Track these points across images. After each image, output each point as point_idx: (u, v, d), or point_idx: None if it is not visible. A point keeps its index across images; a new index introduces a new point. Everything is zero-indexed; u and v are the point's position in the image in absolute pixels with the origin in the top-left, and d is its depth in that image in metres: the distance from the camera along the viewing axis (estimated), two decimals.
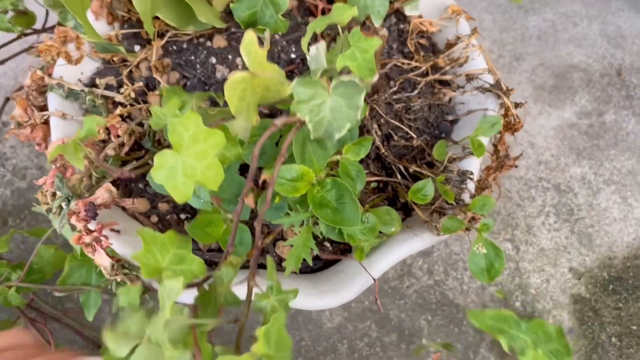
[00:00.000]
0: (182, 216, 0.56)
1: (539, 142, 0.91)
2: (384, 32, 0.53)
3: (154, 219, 0.55)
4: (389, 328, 0.80)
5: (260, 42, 0.51)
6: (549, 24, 1.01)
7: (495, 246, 0.47)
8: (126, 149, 0.55)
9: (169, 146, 0.56)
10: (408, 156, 0.57)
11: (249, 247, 0.52)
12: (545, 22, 1.01)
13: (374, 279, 0.50)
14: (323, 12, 0.58)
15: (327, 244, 0.57)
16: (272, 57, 0.60)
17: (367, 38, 0.41)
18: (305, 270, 0.56)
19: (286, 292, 0.39)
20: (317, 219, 0.49)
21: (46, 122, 0.58)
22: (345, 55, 0.42)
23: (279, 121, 0.44)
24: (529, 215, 0.86)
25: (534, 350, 0.72)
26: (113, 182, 0.54)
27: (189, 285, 0.40)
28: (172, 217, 0.56)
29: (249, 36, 0.42)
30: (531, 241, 0.85)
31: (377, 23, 0.51)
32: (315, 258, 0.57)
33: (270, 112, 0.53)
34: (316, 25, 0.45)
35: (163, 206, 0.56)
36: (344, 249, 0.56)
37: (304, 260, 0.50)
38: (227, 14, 0.57)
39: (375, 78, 0.41)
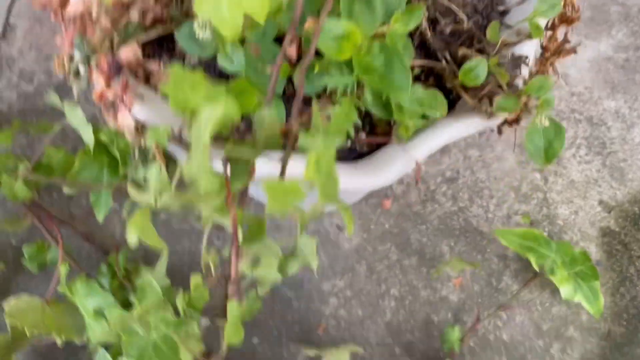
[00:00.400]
0: None
1: (572, 73, 0.87)
2: None
3: None
4: (410, 251, 0.77)
5: None
6: None
7: (557, 123, 0.44)
8: (151, 15, 0.51)
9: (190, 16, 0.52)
10: (455, 43, 0.53)
11: (283, 122, 0.48)
12: None
13: (416, 162, 0.47)
14: None
15: (363, 136, 0.53)
16: None
17: None
18: (342, 158, 0.52)
19: (334, 133, 0.35)
20: (361, 91, 0.45)
21: None
22: None
23: None
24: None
25: (563, 269, 0.69)
26: None
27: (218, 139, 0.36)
28: None
29: None
30: (560, 172, 0.81)
31: None
32: (351, 150, 0.53)
33: None
34: None
35: None
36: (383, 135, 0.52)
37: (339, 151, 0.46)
38: None
39: None
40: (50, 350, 0.71)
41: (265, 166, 0.42)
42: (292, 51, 0.41)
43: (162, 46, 0.53)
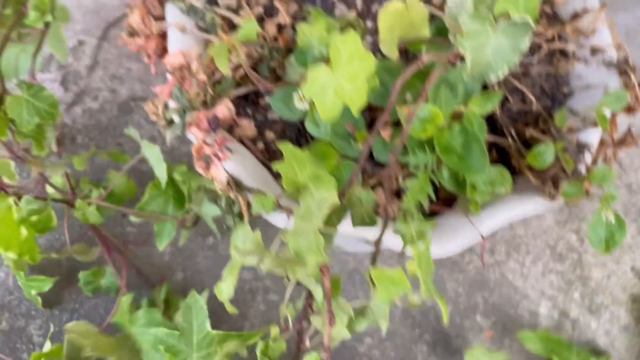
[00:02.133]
0: None
1: None
2: None
3: (260, 145, 0.55)
4: (445, 299, 0.80)
5: None
6: (637, 22, 0.99)
7: (621, 217, 0.47)
8: (241, 72, 0.54)
9: (278, 79, 0.56)
10: (521, 122, 0.56)
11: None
12: (634, 20, 0.99)
13: (482, 236, 0.50)
14: None
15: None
16: None
17: None
18: None
19: (424, 222, 0.38)
20: (438, 165, 0.49)
21: (160, 34, 0.57)
22: None
23: (427, 57, 0.43)
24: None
25: None
26: None
27: None
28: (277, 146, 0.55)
29: None
30: None
31: None
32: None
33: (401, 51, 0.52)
34: None
35: (270, 134, 0.55)
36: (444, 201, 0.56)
37: None
38: None
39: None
40: None
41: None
42: (386, 133, 0.45)
43: (247, 99, 0.56)
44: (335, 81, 0.39)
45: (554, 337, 0.76)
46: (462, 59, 0.41)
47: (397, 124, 0.48)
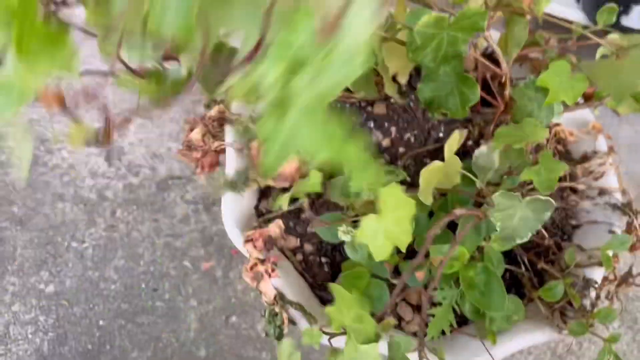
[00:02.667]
0: (323, 259, 0.62)
1: None
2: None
3: (299, 257, 0.61)
4: None
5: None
6: (639, 136, 1.07)
7: (620, 358, 0.52)
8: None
9: (320, 195, 0.63)
10: (533, 251, 0.63)
11: (385, 302, 0.57)
12: (637, 135, 1.07)
13: None
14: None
15: None
16: (422, 130, 0.66)
17: (556, 161, 0.47)
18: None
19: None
20: (460, 298, 0.55)
21: (216, 151, 0.64)
22: (531, 170, 0.48)
23: (459, 212, 0.50)
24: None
25: None
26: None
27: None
28: (314, 258, 0.61)
29: (455, 136, 0.48)
30: (594, 340, 0.89)
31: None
32: None
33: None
34: (505, 135, 0.51)
35: (308, 247, 0.61)
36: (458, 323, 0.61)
37: None
38: (407, 87, 0.64)
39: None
40: None
41: None
42: (420, 275, 0.51)
43: (290, 212, 0.63)
44: (384, 226, 0.46)
45: None
46: (486, 215, 0.47)
47: (426, 255, 0.55)
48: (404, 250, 0.47)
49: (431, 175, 0.50)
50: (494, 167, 0.53)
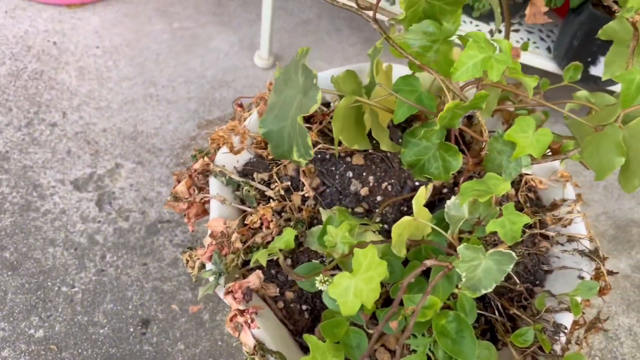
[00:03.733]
0: (304, 307, 0.64)
1: None
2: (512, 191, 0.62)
3: (280, 304, 0.63)
4: None
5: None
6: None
7: None
8: (269, 239, 0.63)
9: (300, 244, 0.65)
10: (506, 296, 0.65)
11: (364, 350, 0.59)
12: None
13: None
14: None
15: None
16: (398, 179, 0.69)
17: (519, 214, 0.50)
18: None
19: None
20: (434, 342, 0.57)
21: (202, 202, 0.66)
22: (496, 222, 0.51)
23: (429, 262, 0.52)
24: None
25: None
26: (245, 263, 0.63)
27: None
28: (295, 306, 0.63)
29: (422, 191, 0.51)
30: None
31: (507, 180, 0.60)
32: None
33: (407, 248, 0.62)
34: (469, 189, 0.54)
35: (289, 294, 0.64)
36: None
37: None
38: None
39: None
40: None
41: None
42: (393, 325, 0.53)
43: (272, 260, 0.65)
44: (355, 285, 0.48)
45: None
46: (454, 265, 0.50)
47: (401, 304, 0.57)
48: (371, 308, 0.49)
49: (402, 229, 0.53)
50: (464, 217, 0.56)
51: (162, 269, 0.93)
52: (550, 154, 0.66)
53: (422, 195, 0.52)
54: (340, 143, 0.63)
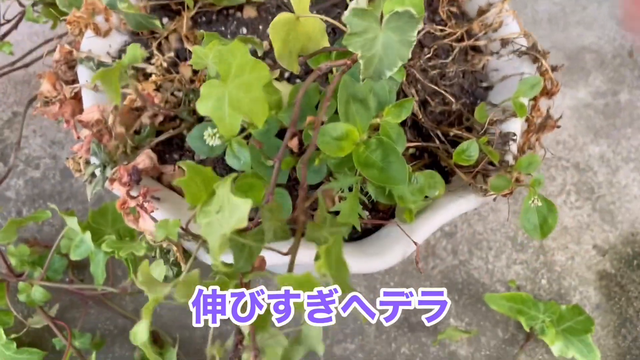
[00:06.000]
0: None
1: None
2: None
3: None
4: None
5: None
6: (558, 8, 1.02)
7: (549, 201, 0.47)
8: (160, 118, 0.54)
9: (202, 118, 0.56)
10: (445, 122, 0.57)
11: (289, 212, 0.51)
12: (555, 6, 1.02)
13: (415, 243, 0.49)
14: None
15: (367, 213, 0.56)
16: None
17: None
18: (347, 239, 0.55)
19: (339, 224, 0.38)
20: (364, 183, 0.48)
21: (75, 97, 0.56)
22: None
23: (324, 65, 0.43)
24: (550, 195, 0.86)
25: (552, 328, 0.72)
26: None
27: None
28: None
29: None
30: None
31: None
32: (354, 228, 0.56)
33: (306, 72, 0.52)
34: None
35: None
36: (382, 218, 0.55)
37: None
38: None
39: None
40: None
41: (275, 256, 0.44)
42: (293, 143, 0.45)
43: (172, 144, 0.56)
44: (229, 93, 0.39)
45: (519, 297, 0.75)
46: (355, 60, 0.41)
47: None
48: (260, 125, 0.40)
49: (284, 31, 0.43)
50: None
51: (86, 210, 0.83)
52: None
53: None
54: None
